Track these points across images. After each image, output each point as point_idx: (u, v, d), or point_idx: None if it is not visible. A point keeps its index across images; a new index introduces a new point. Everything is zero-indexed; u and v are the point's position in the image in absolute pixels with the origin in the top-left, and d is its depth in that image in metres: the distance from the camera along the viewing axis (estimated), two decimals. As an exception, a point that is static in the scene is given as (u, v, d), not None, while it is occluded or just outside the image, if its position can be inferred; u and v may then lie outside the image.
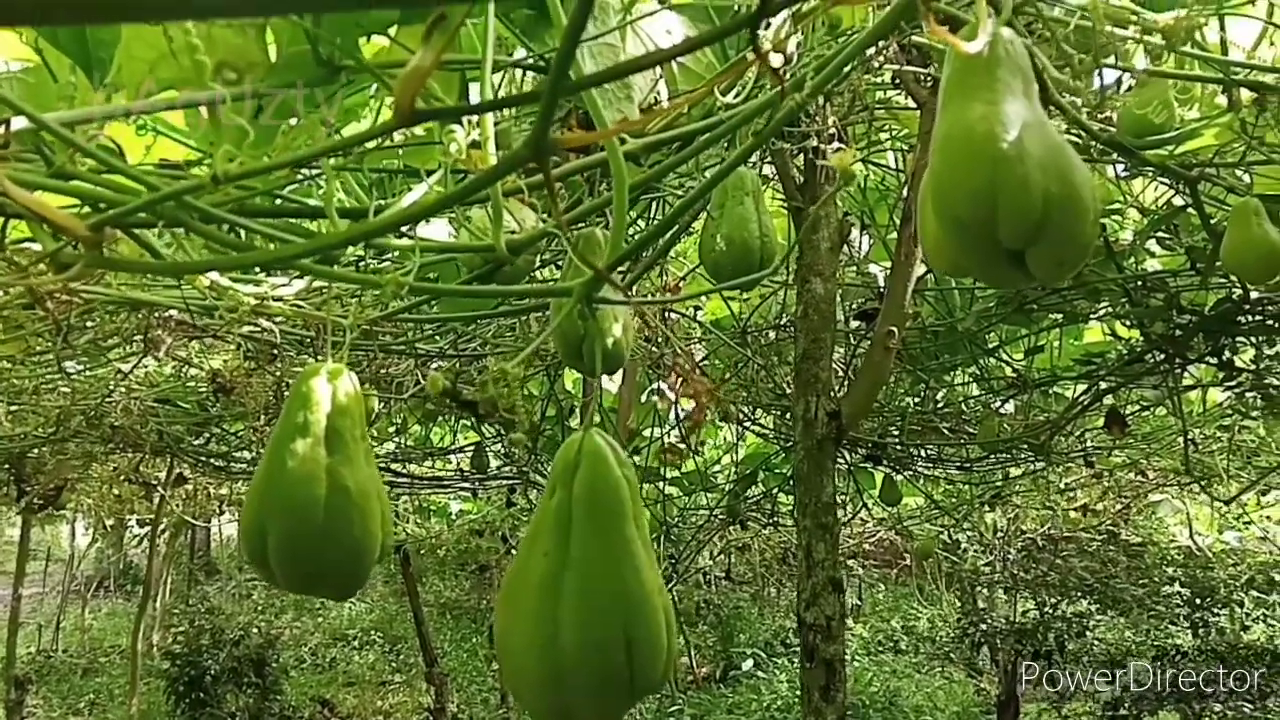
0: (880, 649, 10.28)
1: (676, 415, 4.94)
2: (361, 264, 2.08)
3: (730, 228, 1.63)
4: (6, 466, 6.31)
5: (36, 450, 5.64)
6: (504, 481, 6.80)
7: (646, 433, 5.61)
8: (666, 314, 4.21)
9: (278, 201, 1.43)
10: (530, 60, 1.38)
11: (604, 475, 0.79)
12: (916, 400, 4.53)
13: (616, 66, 0.64)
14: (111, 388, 3.25)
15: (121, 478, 5.96)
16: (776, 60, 1.29)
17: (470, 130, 0.91)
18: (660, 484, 6.43)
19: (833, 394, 2.41)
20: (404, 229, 1.24)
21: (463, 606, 13.88)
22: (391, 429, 5.96)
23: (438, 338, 3.52)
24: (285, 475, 0.88)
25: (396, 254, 2.28)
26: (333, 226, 0.85)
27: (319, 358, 2.24)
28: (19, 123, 0.87)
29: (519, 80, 1.68)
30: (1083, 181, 0.67)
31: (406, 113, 0.58)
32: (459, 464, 6.70)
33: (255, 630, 9.28)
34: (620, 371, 5.41)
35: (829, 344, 2.45)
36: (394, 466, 6.64)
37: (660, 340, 4.33)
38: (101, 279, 1.96)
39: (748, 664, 10.21)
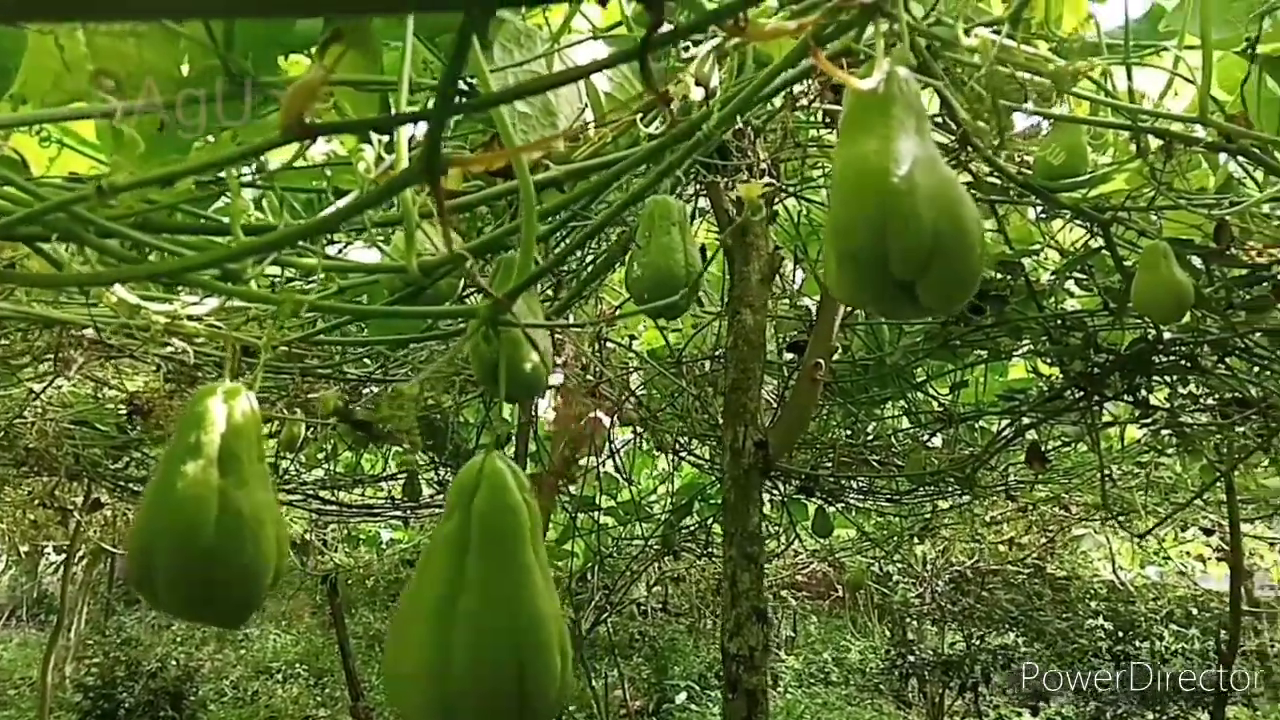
0: (812, 681, 10.30)
1: (609, 444, 4.92)
2: (279, 286, 2.04)
3: (655, 255, 1.64)
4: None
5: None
6: (437, 510, 6.69)
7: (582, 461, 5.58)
8: (602, 343, 4.21)
9: (199, 220, 1.41)
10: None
11: (503, 499, 0.78)
12: (848, 433, 4.60)
13: (522, 85, 0.64)
14: (23, 408, 3.13)
15: (36, 502, 5.73)
16: (698, 93, 1.31)
17: (380, 149, 0.91)
18: (595, 513, 6.39)
19: (760, 424, 2.43)
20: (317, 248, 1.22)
21: (394, 638, 13.57)
22: (320, 455, 5.84)
23: (367, 361, 3.47)
24: (174, 496, 0.85)
25: (320, 276, 2.24)
26: (237, 242, 0.83)
27: (235, 379, 2.18)
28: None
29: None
30: (970, 216, 0.69)
31: (295, 128, 0.57)
32: (390, 491, 6.57)
33: (174, 662, 8.97)
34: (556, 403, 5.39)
35: (758, 374, 2.47)
36: (322, 494, 6.49)
37: (595, 369, 4.33)
38: (11, 294, 1.90)
39: (681, 697, 10.15)
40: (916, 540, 6.23)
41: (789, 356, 3.68)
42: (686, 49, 1.21)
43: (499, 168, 1.29)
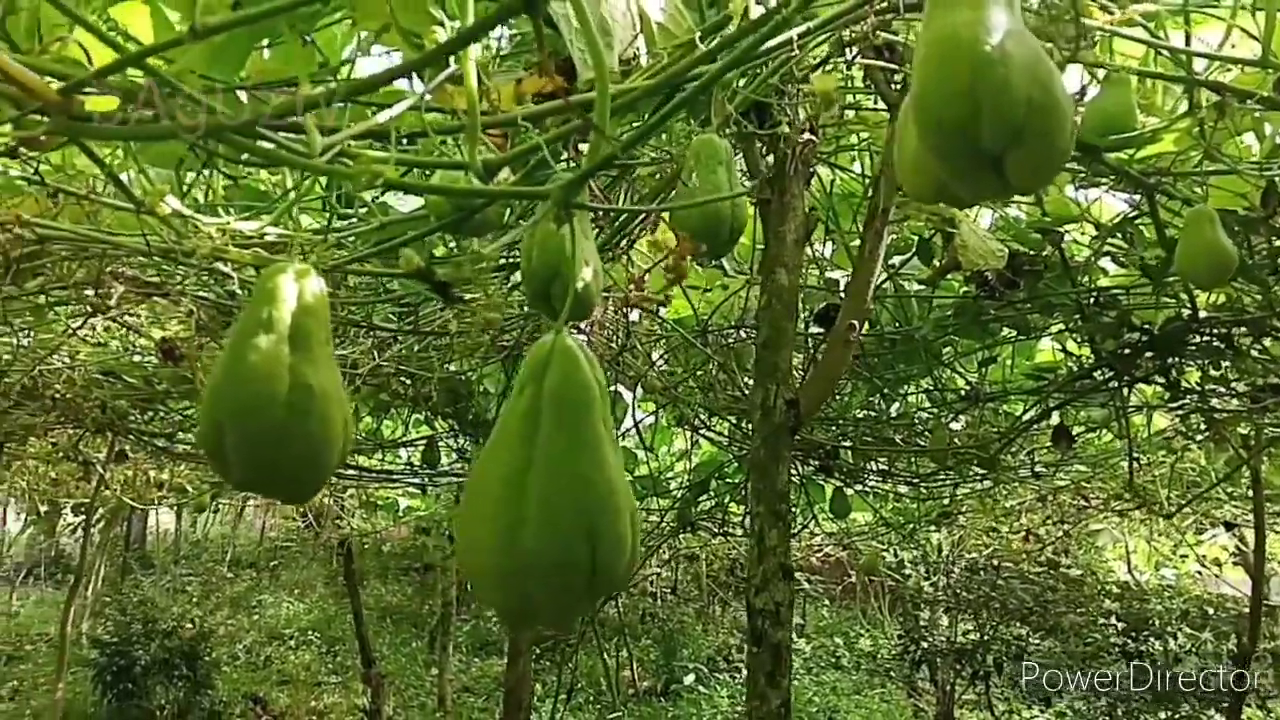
0: (821, 666, 10.32)
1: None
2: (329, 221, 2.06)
3: (701, 197, 1.64)
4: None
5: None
6: (455, 478, 6.72)
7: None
8: (628, 309, 4.21)
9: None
10: None
11: (574, 374, 0.79)
12: (870, 412, 4.58)
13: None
14: (57, 347, 3.16)
15: (60, 454, 5.79)
16: (757, 10, 1.31)
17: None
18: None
19: (791, 383, 2.42)
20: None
21: (403, 611, 13.68)
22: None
23: (394, 318, 3.48)
24: (246, 369, 0.86)
25: (363, 213, 2.25)
26: (341, 82, 0.84)
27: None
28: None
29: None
30: (1061, 90, 0.69)
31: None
32: (409, 458, 6.60)
33: (189, 623, 9.07)
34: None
35: (790, 334, 2.47)
36: (342, 458, 6.52)
37: (622, 338, 4.33)
38: (59, 213, 1.91)
39: (689, 678, 10.18)
40: (933, 528, 6.21)
41: (816, 330, 3.67)
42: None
43: (550, 90, 1.29)
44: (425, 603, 13.28)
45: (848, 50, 1.99)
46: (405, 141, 1.22)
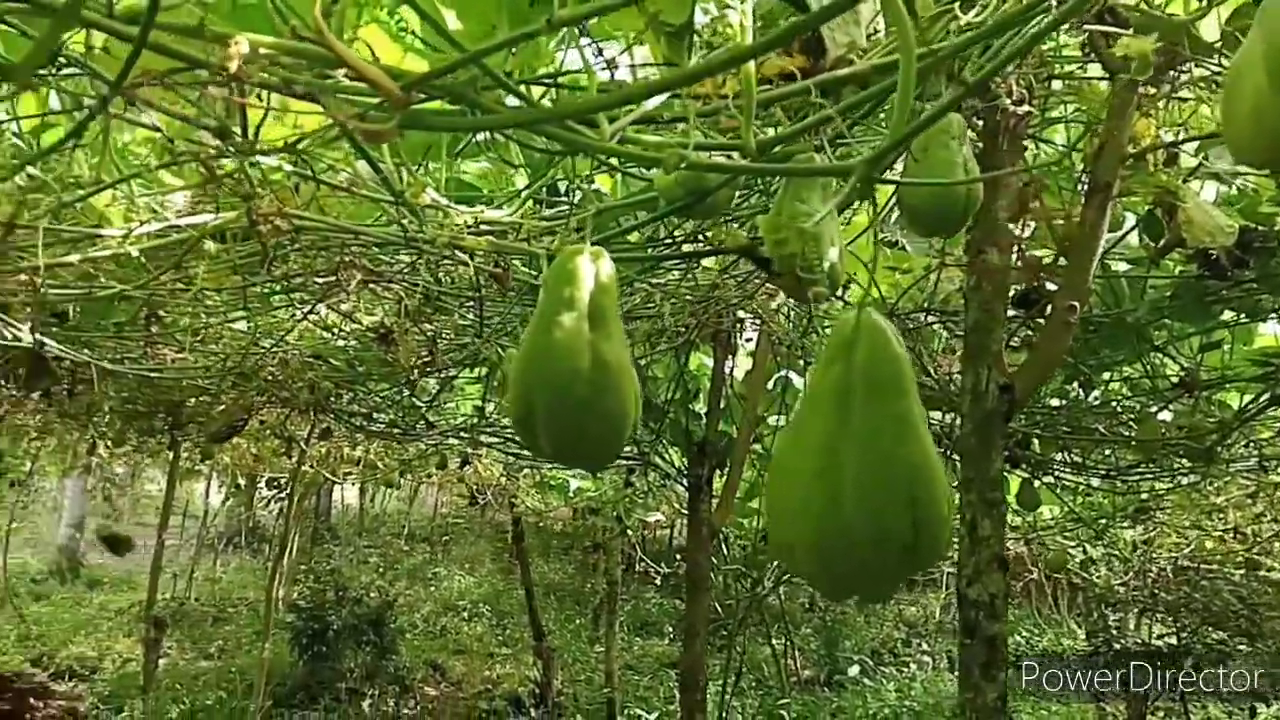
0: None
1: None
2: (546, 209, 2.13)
3: (933, 170, 1.60)
4: (164, 415, 6.72)
5: (194, 400, 5.99)
6: (624, 461, 6.85)
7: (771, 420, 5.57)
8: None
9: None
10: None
11: (886, 350, 0.79)
12: (1064, 400, 4.35)
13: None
14: (289, 331, 3.41)
15: (268, 432, 6.26)
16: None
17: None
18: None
19: (1003, 366, 2.33)
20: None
21: (566, 589, 14.10)
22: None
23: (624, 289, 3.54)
24: (552, 345, 0.90)
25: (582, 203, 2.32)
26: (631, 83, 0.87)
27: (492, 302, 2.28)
28: None
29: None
30: None
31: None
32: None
33: (374, 592, 9.64)
34: (750, 359, 5.39)
35: (1001, 316, 2.38)
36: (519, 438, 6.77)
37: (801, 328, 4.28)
38: (313, 202, 2.06)
39: (854, 670, 10.02)
40: (1128, 523, 5.85)
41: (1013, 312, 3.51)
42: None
43: (794, 69, 1.29)
44: (587, 581, 13.64)
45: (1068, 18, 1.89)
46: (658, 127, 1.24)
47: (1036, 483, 5.10)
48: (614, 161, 1.58)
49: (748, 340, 5.09)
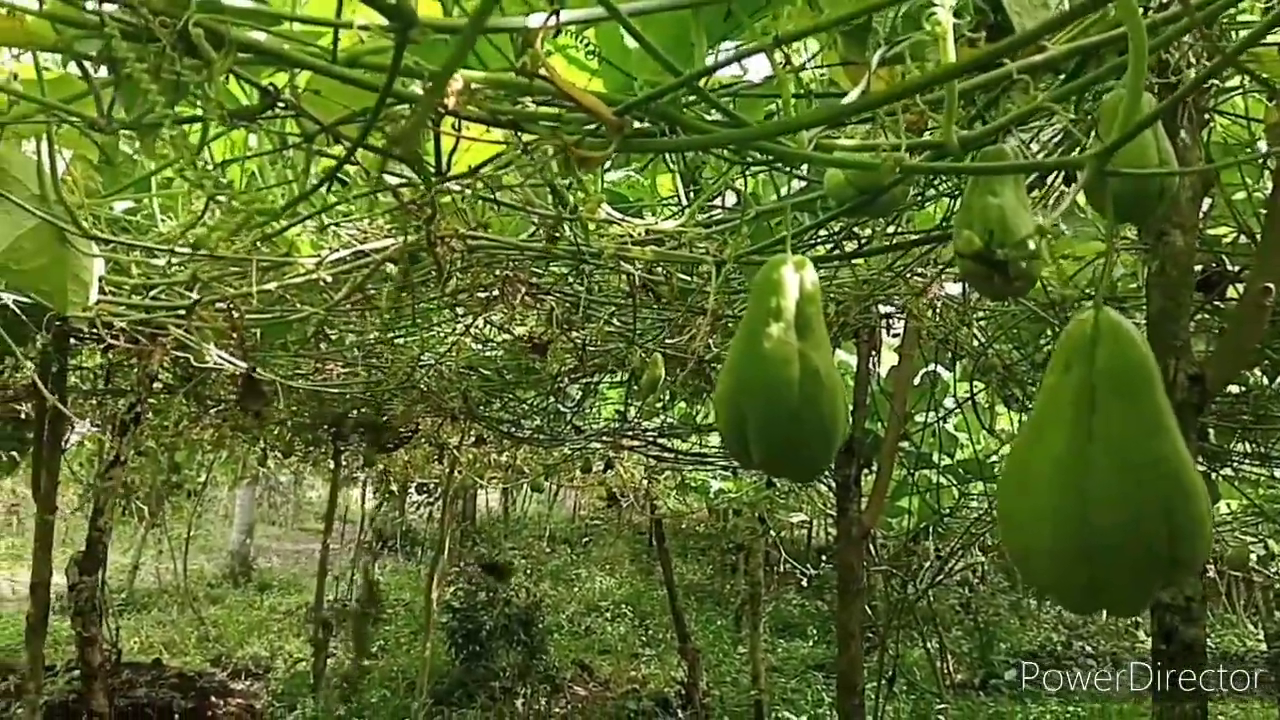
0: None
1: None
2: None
3: (1127, 156, 1.52)
4: (327, 427, 7.11)
5: (356, 411, 6.32)
6: (766, 462, 6.79)
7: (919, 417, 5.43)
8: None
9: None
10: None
11: (1131, 350, 0.75)
12: (1245, 388, 4.06)
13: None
14: (450, 346, 3.55)
15: (423, 439, 6.53)
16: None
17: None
18: (931, 471, 6.20)
19: (1193, 356, 2.20)
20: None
21: (705, 590, 14.11)
22: (659, 404, 6.13)
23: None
24: (762, 356, 0.91)
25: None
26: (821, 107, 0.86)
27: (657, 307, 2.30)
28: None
29: None
30: None
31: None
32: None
33: (524, 593, 9.90)
34: (897, 355, 5.25)
35: (1188, 302, 2.24)
36: (660, 441, 6.83)
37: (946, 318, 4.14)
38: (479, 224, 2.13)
39: (1010, 674, 9.62)
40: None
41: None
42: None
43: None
44: (727, 582, 13.60)
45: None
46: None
47: (1214, 475, 4.78)
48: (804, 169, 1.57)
49: (894, 336, 4.96)
